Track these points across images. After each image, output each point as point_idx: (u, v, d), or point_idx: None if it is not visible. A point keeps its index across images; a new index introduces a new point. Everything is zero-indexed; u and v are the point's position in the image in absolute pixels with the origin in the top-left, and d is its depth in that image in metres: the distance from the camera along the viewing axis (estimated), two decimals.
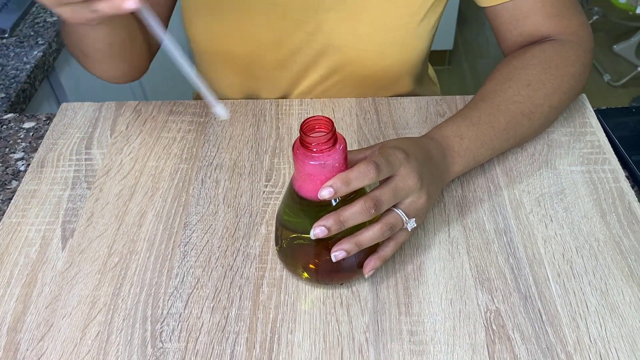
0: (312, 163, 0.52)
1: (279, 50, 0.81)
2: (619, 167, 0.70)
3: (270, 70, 0.83)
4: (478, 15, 2.81)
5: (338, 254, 0.54)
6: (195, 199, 0.68)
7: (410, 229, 0.57)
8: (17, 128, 0.81)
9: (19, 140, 0.79)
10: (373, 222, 0.55)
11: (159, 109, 0.80)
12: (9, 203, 0.69)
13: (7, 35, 1.12)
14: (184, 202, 0.68)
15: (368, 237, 0.55)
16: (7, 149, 0.77)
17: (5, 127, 0.81)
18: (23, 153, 0.77)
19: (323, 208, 0.54)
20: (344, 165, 0.54)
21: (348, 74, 0.82)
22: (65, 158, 0.74)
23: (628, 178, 0.69)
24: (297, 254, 0.59)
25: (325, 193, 0.52)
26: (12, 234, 0.65)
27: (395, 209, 0.56)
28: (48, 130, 0.78)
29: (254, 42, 0.80)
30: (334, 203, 0.55)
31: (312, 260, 0.58)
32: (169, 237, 0.65)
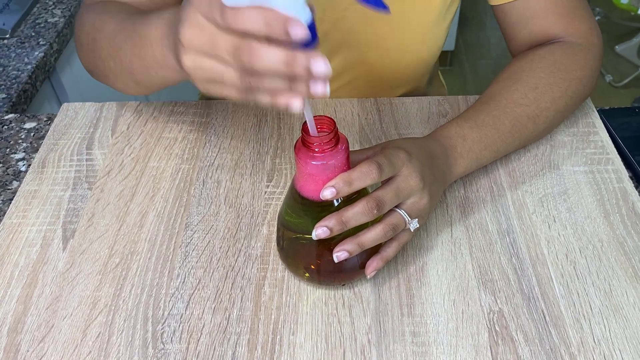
0: (314, 163, 0.52)
1: None
2: (623, 167, 0.70)
3: None
4: (479, 17, 2.81)
5: (340, 255, 0.54)
6: (197, 200, 0.68)
7: (413, 230, 0.57)
8: (18, 128, 0.80)
9: (20, 141, 0.78)
10: (375, 222, 0.55)
11: (160, 110, 0.80)
12: (10, 203, 0.69)
13: (8, 36, 1.12)
14: (185, 202, 0.68)
15: (370, 237, 0.54)
16: (8, 150, 0.77)
17: (6, 127, 0.81)
18: (24, 153, 0.76)
19: (325, 208, 0.54)
20: (346, 166, 0.53)
21: (361, 73, 0.81)
22: (66, 158, 0.74)
23: (632, 178, 0.69)
24: (298, 255, 0.59)
25: (327, 193, 0.52)
26: (12, 235, 0.65)
27: (398, 210, 0.56)
28: (49, 131, 0.78)
29: None
30: (336, 203, 0.54)
31: (313, 261, 0.58)
32: (170, 237, 0.64)
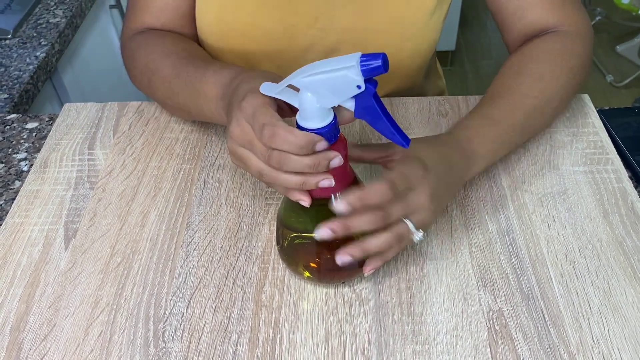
0: None
1: (290, 47, 0.80)
2: (622, 167, 0.70)
3: (281, 67, 0.83)
4: (480, 17, 2.81)
5: (344, 259, 0.54)
6: (198, 199, 0.68)
7: (417, 242, 0.57)
8: (20, 128, 0.81)
9: (22, 141, 0.79)
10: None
11: (162, 110, 0.80)
12: (12, 203, 0.69)
13: (10, 36, 1.12)
14: (187, 202, 0.68)
15: (376, 245, 0.54)
16: (10, 150, 0.77)
17: (9, 127, 0.81)
18: (26, 153, 0.77)
19: (323, 207, 0.54)
20: (345, 164, 0.53)
21: None
22: (68, 158, 0.74)
23: (631, 178, 0.69)
24: (298, 253, 0.59)
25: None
26: (15, 234, 0.66)
27: (406, 220, 0.56)
28: (51, 131, 0.78)
29: (265, 37, 0.79)
30: (334, 200, 0.54)
31: (313, 259, 0.58)
32: (172, 237, 0.65)
